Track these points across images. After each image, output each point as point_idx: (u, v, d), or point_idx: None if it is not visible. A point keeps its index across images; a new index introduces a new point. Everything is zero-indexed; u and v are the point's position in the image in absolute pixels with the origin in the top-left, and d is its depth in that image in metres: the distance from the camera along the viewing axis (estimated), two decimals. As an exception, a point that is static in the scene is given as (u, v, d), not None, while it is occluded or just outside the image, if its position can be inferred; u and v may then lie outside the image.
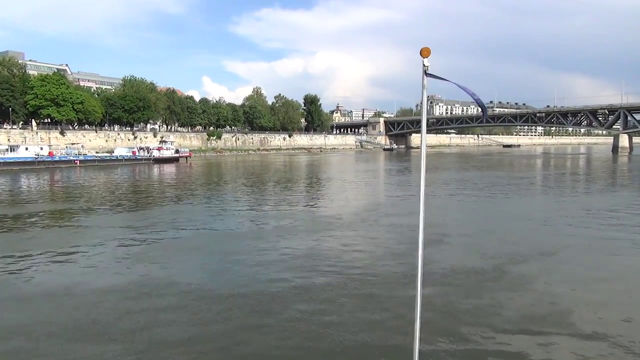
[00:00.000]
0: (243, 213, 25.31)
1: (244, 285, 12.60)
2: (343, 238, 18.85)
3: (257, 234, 19.89)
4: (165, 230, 20.23)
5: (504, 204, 29.26)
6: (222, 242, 18.17)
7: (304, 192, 34.86)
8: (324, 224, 21.74)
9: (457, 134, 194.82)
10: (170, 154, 70.70)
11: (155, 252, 16.49)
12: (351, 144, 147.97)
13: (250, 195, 33.40)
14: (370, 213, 25.10)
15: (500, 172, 57.44)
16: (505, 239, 18.80)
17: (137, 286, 12.56)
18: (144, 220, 23.14)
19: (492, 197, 32.30)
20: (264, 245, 17.57)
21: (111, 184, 40.69)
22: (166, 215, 24.44)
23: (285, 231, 20.27)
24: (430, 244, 17.72)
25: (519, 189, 37.15)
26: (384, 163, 78.76)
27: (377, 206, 27.66)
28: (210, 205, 28.23)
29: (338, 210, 25.94)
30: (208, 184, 41.73)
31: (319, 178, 48.57)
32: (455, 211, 26.36)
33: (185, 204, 29.06)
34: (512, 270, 14.26)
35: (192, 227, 20.91)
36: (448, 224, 22.06)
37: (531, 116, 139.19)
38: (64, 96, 77.37)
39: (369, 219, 23.29)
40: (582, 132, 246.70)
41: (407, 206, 27.17)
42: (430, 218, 21.52)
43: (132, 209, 27.17)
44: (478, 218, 24.10)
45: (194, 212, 25.51)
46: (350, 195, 32.90)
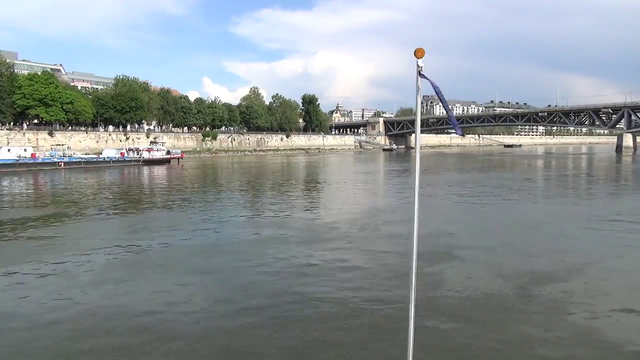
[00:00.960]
0: (230, 222, 22.91)
1: (213, 322, 10.18)
2: (339, 252, 16.55)
3: (242, 248, 17.52)
4: (136, 242, 17.83)
5: (514, 210, 26.88)
6: (197, 258, 15.76)
7: (300, 197, 32.48)
8: (319, 234, 19.47)
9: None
10: (160, 155, 68.09)
11: (118, 271, 14.08)
12: (350, 144, 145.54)
13: (241, 200, 31.01)
14: (369, 220, 22.78)
15: (505, 174, 55.11)
16: (523, 252, 16.41)
17: (86, 316, 10.20)
18: (115, 231, 20.78)
19: (500, 202, 29.93)
20: (248, 263, 15.21)
21: (92, 188, 38.26)
22: (141, 224, 22.07)
23: (275, 243, 17.93)
24: (438, 259, 15.38)
25: (527, 192, 34.79)
26: (384, 164, 76.41)
27: (376, 212, 25.28)
28: (193, 213, 25.84)
29: (335, 217, 23.66)
30: (197, 187, 39.32)
31: (316, 181, 46.19)
32: (461, 218, 23.97)
33: (167, 211, 26.65)
34: (540, 293, 11.91)
35: (168, 239, 18.51)
36: (456, 233, 19.72)
37: (533, 116, 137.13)
38: (53, 96, 74.84)
39: (367, 227, 20.97)
40: (583, 132, 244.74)
41: (408, 212, 24.74)
42: (435, 226, 19.08)
43: (107, 217, 24.74)
44: (488, 226, 21.70)
45: (174, 221, 23.11)
46: (348, 200, 30.52)
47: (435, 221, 22.56)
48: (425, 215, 25.48)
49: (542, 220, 22.98)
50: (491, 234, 19.77)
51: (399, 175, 50.18)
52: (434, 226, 21.10)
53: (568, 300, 11.43)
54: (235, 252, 16.55)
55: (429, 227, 21.01)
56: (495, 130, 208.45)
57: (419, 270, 15.90)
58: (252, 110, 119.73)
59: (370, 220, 22.85)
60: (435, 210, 26.19)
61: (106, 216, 24.67)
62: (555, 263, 15.05)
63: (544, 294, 11.92)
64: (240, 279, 13.39)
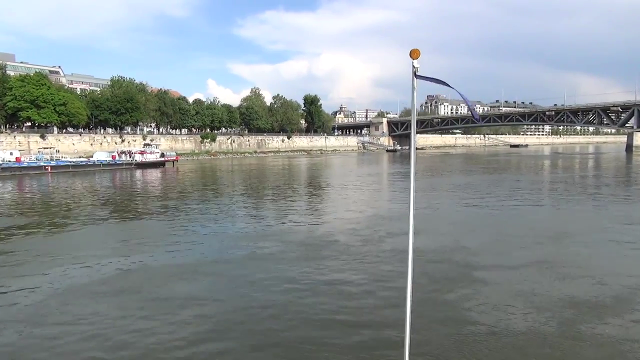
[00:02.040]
0: (217, 234, 20.28)
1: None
2: (339, 271, 14.12)
3: (230, 265, 15.09)
4: (108, 260, 15.26)
5: (532, 217, 24.10)
6: (173, 282, 13.15)
7: (298, 204, 29.80)
8: (317, 250, 16.97)
9: (462, 134, 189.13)
10: (154, 158, 65.28)
11: (79, 299, 11.51)
12: (353, 145, 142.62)
13: (233, 208, 28.35)
14: (373, 231, 20.12)
15: (514, 176, 52.23)
16: (556, 273, 13.69)
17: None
18: (87, 245, 18.18)
19: (514, 207, 27.16)
20: (233, 284, 12.74)
21: (75, 194, 35.69)
22: (118, 238, 19.46)
23: (267, 260, 15.44)
24: (456, 283, 12.75)
25: (542, 196, 31.98)
26: (387, 166, 73.55)
27: (380, 221, 22.55)
28: (179, 223, 23.25)
29: (335, 228, 21.09)
30: (188, 193, 36.67)
31: (316, 185, 43.54)
32: (476, 228, 21.21)
33: (150, 221, 24.08)
34: (591, 331, 9.24)
35: (146, 256, 15.92)
36: (472, 247, 17.00)
37: (540, 115, 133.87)
38: (45, 97, 72.33)
39: (371, 240, 18.34)
40: (590, 131, 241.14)
41: (415, 220, 22.06)
42: (447, 239, 16.16)
43: (81, 228, 22.14)
44: (507, 238, 18.93)
45: (157, 233, 20.61)
46: (349, 207, 27.81)
47: (446, 232, 19.84)
48: (434, 225, 22.78)
49: (566, 230, 20.24)
50: (513, 247, 17.04)
51: (404, 178, 47.40)
52: (445, 239, 18.39)
53: (629, 337, 8.73)
54: (218, 274, 13.97)
55: (440, 239, 18.32)
56: (501, 130, 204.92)
57: (435, 298, 12.39)
58: (252, 111, 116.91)
59: (374, 231, 20.18)
60: (444, 219, 23.46)
61: (81, 227, 22.13)
62: (598, 287, 12.41)
63: (595, 331, 9.24)
64: (225, 305, 10.84)
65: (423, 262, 14.98)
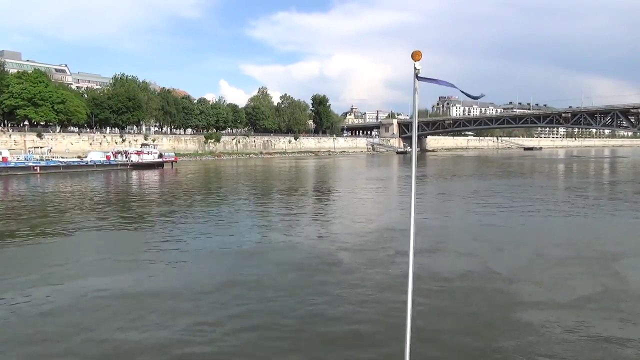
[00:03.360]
0: (202, 247, 17.16)
1: None
2: (335, 306, 10.88)
3: (212, 290, 11.96)
4: (76, 281, 12.17)
5: (575, 230, 20.65)
6: (147, 302, 10.01)
7: (300, 213, 26.53)
8: (314, 273, 13.83)
9: (475, 136, 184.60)
10: (151, 158, 62.15)
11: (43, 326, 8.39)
12: (362, 146, 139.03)
13: (227, 216, 25.21)
14: (381, 248, 16.87)
15: (537, 180, 48.67)
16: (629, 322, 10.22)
17: None
18: (53, 262, 15.06)
19: (549, 218, 23.70)
20: (214, 315, 9.65)
21: (59, 197, 32.76)
22: (92, 252, 16.32)
23: (250, 289, 12.28)
24: (497, 330, 9.45)
25: (577, 205, 28.35)
26: (398, 169, 69.99)
27: (390, 235, 19.20)
28: (158, 233, 20.18)
29: (339, 244, 17.94)
30: (181, 197, 33.59)
31: (322, 189, 40.34)
32: (508, 245, 17.80)
33: (135, 232, 20.94)
34: None
35: (121, 279, 12.78)
36: (509, 274, 13.70)
37: (556, 117, 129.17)
38: (42, 95, 69.77)
39: (378, 261, 15.16)
40: (606, 134, 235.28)
41: (429, 234, 18.89)
42: (474, 262, 12.10)
43: (52, 238, 19.07)
44: (552, 260, 15.48)
45: (141, 247, 17.48)
46: (357, 216, 24.50)
47: (469, 251, 16.45)
48: (453, 241, 19.20)
49: (614, 249, 16.75)
50: (556, 273, 13.65)
51: (417, 182, 43.93)
52: (470, 261, 15.00)
53: None
54: (183, 312, 10.70)
55: (463, 261, 14.95)
56: (514, 133, 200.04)
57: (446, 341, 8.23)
58: (258, 111, 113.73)
59: (382, 248, 16.90)
60: (465, 233, 20.03)
61: (59, 236, 19.08)
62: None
63: None
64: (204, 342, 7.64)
65: (445, 295, 11.67)
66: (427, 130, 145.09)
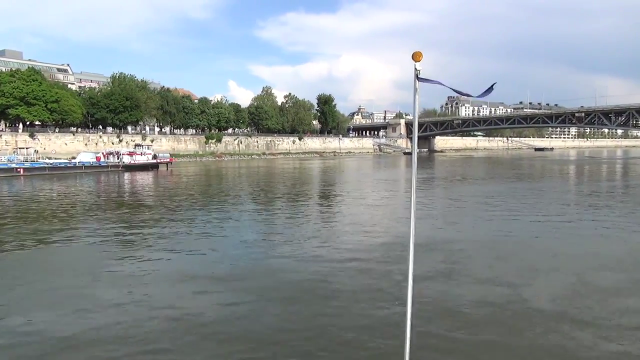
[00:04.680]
0: (178, 269, 14.08)
1: None
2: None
3: (191, 319, 8.78)
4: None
5: (621, 247, 17.24)
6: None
7: (298, 223, 23.34)
8: (305, 305, 11.02)
9: (484, 137, 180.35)
10: (144, 160, 59.13)
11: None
12: (369, 147, 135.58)
13: (216, 224, 22.11)
14: (386, 271, 13.76)
15: (558, 184, 45.14)
16: None
17: None
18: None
19: (585, 231, 20.35)
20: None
21: (38, 202, 29.86)
22: (49, 275, 13.21)
23: (229, 330, 9.04)
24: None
25: (615, 215, 24.84)
26: (405, 171, 66.50)
27: (397, 252, 15.94)
28: (127, 244, 17.05)
29: (338, 264, 14.79)
30: (169, 203, 30.54)
31: (325, 194, 37.20)
32: (541, 266, 14.54)
33: (98, 245, 17.88)
34: None
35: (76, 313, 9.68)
36: (552, 309, 10.42)
37: (568, 116, 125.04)
38: (35, 94, 67.17)
39: (386, 287, 12.08)
40: (619, 134, 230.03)
41: (442, 250, 15.82)
42: (505, 290, 9.92)
43: (25, 245, 16.04)
44: (606, 290, 12.20)
45: (84, 266, 14.36)
46: (361, 227, 21.33)
47: (495, 275, 13.11)
48: (473, 260, 15.51)
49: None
50: (622, 314, 10.31)
51: (425, 185, 40.58)
52: (501, 291, 11.62)
53: None
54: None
55: (489, 291, 11.63)
56: (525, 133, 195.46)
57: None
58: (261, 111, 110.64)
59: (387, 270, 13.76)
60: (485, 250, 16.63)
61: (26, 247, 16.02)
62: None
63: None
64: None
65: (471, 349, 8.45)
66: (435, 131, 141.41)
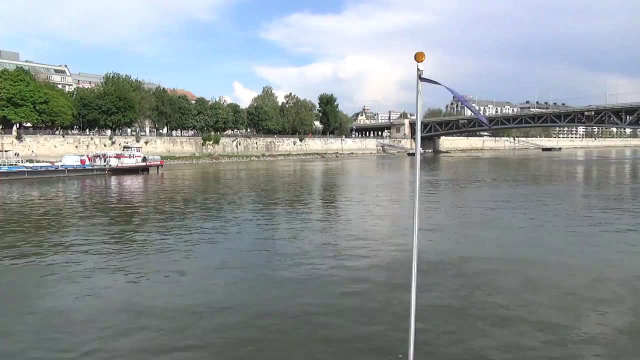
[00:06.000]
0: (145, 300, 11.02)
1: None
2: None
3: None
4: None
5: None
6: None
7: (294, 232, 20.32)
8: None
9: (490, 137, 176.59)
10: (133, 162, 55.98)
11: None
12: (372, 148, 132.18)
13: (200, 239, 19.05)
14: (389, 297, 10.72)
15: (575, 187, 41.85)
16: None
17: None
18: None
19: (624, 243, 17.10)
20: None
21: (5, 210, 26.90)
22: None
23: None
24: None
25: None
26: (410, 173, 63.28)
27: (400, 272, 12.80)
28: (90, 258, 14.04)
29: (333, 288, 12.22)
30: (149, 212, 27.52)
31: (325, 199, 34.23)
32: (591, 296, 11.34)
33: (58, 264, 14.87)
34: None
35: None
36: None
37: (578, 115, 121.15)
38: (23, 95, 64.31)
39: (380, 323, 8.79)
40: (627, 134, 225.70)
41: (457, 271, 12.83)
42: (550, 334, 6.73)
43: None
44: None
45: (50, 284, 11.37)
46: (362, 240, 18.25)
47: (530, 309, 9.99)
48: (504, 291, 12.37)
49: None
50: None
51: (431, 189, 37.35)
52: (551, 344, 8.59)
53: None
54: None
55: (529, 327, 8.57)
56: (531, 133, 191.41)
57: None
58: (261, 112, 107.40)
59: (392, 296, 10.83)
60: (515, 276, 13.45)
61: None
62: None
63: None
64: None
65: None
66: (440, 131, 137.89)
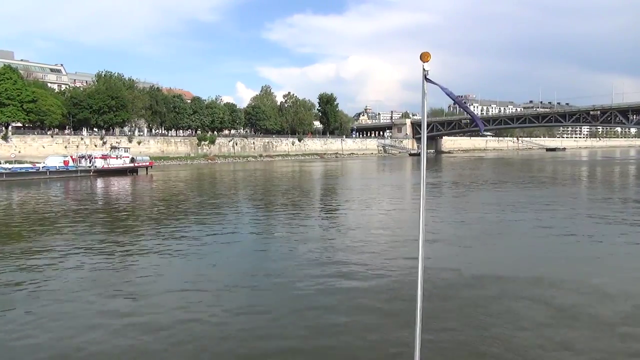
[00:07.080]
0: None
1: None
2: None
3: None
4: None
5: None
6: None
7: (286, 246, 17.79)
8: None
9: (493, 137, 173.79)
10: (120, 163, 53.58)
11: None
12: (373, 148, 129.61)
13: (185, 247, 16.50)
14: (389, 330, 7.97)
15: (588, 190, 39.23)
16: None
17: None
18: None
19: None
20: None
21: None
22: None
23: None
24: None
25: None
26: (412, 174, 60.61)
27: (402, 292, 10.26)
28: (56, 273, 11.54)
29: (327, 315, 9.21)
30: (131, 222, 25.05)
31: (323, 203, 31.73)
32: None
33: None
34: None
35: None
36: None
37: (583, 115, 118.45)
38: (9, 93, 62.05)
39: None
40: (632, 133, 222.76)
41: (469, 294, 10.16)
42: None
43: None
44: None
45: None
46: (361, 254, 15.71)
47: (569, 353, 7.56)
48: (519, 313, 9.91)
49: None
50: None
51: (435, 192, 34.79)
52: None
53: None
54: None
55: None
56: (535, 133, 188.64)
57: None
58: (259, 111, 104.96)
59: (393, 330, 8.08)
60: (536, 296, 10.88)
61: None
62: None
63: None
64: None
65: None
66: (442, 131, 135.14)
